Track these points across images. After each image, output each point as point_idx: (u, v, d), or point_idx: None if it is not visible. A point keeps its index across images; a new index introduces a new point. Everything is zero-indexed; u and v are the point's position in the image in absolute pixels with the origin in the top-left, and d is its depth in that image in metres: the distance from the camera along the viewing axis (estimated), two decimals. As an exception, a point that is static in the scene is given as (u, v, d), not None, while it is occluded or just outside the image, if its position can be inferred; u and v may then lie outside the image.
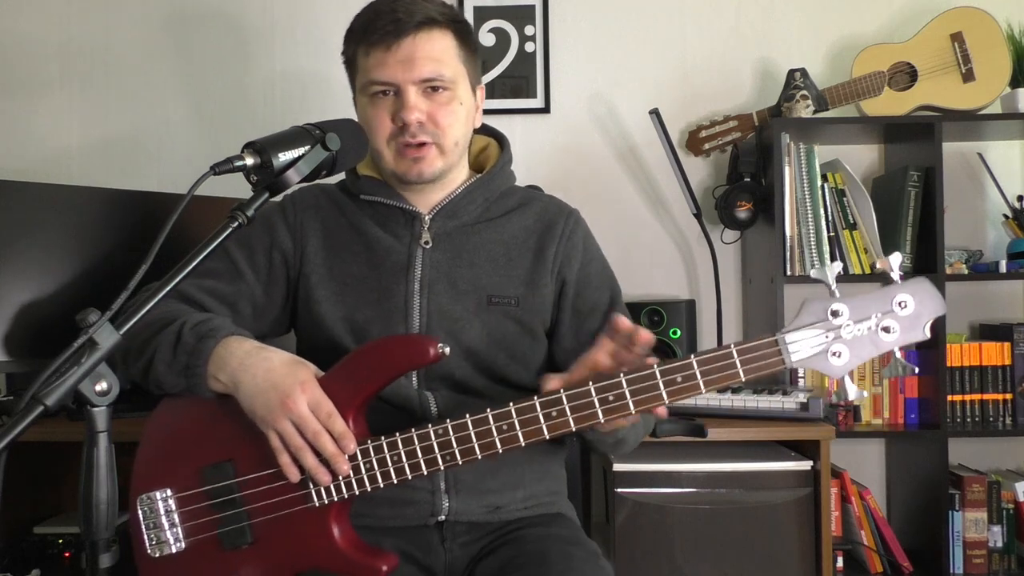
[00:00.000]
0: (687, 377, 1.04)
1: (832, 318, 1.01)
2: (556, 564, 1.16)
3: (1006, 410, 2.26)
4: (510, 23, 2.48)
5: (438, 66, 1.26)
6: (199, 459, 1.18)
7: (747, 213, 2.28)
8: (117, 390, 0.94)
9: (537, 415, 1.08)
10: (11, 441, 0.85)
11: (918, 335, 1.00)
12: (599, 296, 1.36)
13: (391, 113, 1.27)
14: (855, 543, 2.20)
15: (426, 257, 1.32)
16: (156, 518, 1.17)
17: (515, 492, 1.30)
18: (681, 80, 2.50)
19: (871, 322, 1.00)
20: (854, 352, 1.01)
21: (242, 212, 1.04)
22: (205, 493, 1.17)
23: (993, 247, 2.45)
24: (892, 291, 1.01)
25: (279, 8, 2.51)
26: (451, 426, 1.11)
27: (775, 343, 1.02)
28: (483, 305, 1.30)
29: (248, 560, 1.15)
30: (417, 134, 1.26)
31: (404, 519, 1.26)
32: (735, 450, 1.91)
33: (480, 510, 1.28)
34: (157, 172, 2.46)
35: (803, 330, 1.02)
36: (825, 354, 1.01)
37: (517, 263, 1.34)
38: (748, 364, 1.03)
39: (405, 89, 1.25)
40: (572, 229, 1.37)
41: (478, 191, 1.36)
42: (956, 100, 2.31)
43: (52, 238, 2.00)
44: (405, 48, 1.24)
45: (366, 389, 1.13)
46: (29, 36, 2.50)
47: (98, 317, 0.93)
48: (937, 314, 1.01)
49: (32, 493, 2.08)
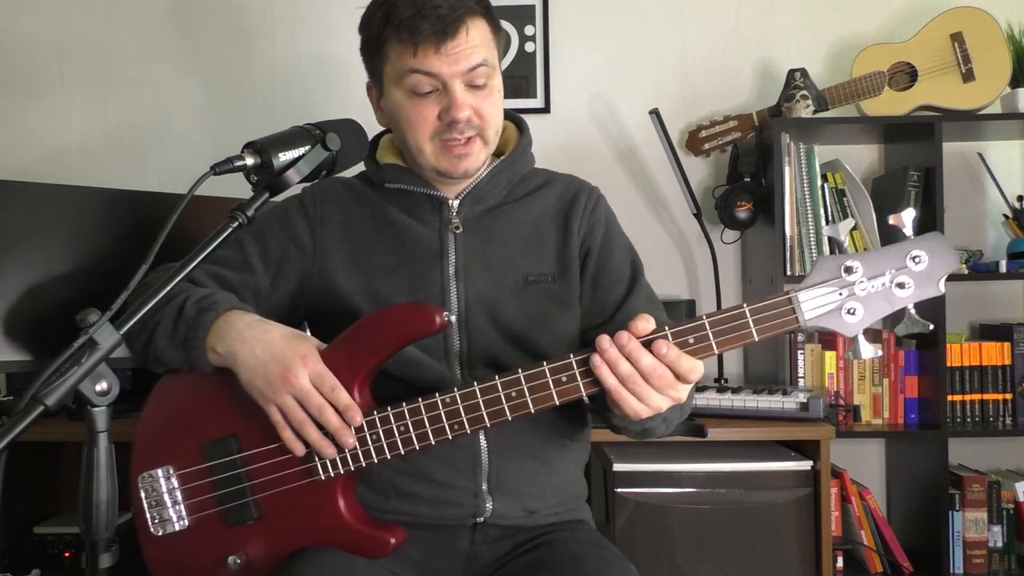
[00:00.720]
0: (700, 338, 1.04)
1: (846, 275, 1.00)
2: (589, 565, 1.16)
3: (1006, 410, 2.26)
4: (510, 23, 2.48)
5: (482, 51, 1.23)
6: (201, 435, 1.16)
7: (747, 213, 2.29)
8: (117, 390, 0.95)
9: (547, 381, 1.08)
10: (11, 441, 0.85)
11: (932, 290, 0.99)
12: (622, 270, 1.34)
13: (437, 110, 1.24)
14: (855, 543, 2.20)
15: (459, 242, 1.30)
16: (158, 496, 1.16)
17: (550, 497, 1.29)
18: (681, 80, 2.50)
19: (885, 278, 0.99)
20: (868, 309, 0.99)
21: (242, 212, 1.04)
22: (208, 469, 1.15)
23: (993, 247, 2.45)
24: (906, 246, 1.00)
25: (279, 8, 2.51)
26: (459, 395, 1.10)
27: (788, 301, 1.01)
28: (520, 285, 1.28)
29: (253, 535, 1.14)
30: (465, 130, 1.24)
31: (444, 519, 1.24)
32: (735, 450, 1.91)
33: (519, 514, 1.26)
34: (157, 172, 2.46)
35: (816, 287, 1.01)
36: (839, 311, 1.00)
37: (547, 240, 1.33)
38: (761, 323, 1.02)
39: (452, 85, 1.22)
40: (595, 203, 1.37)
41: (503, 174, 1.34)
42: (956, 100, 2.31)
43: (52, 238, 2.00)
44: (451, 44, 1.20)
45: (372, 360, 1.12)
46: (29, 36, 2.50)
47: (98, 317, 0.93)
48: (951, 268, 0.99)
49: (32, 493, 2.08)
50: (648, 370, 1.04)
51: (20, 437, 0.86)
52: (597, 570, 1.15)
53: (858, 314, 0.99)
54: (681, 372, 1.04)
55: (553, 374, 1.08)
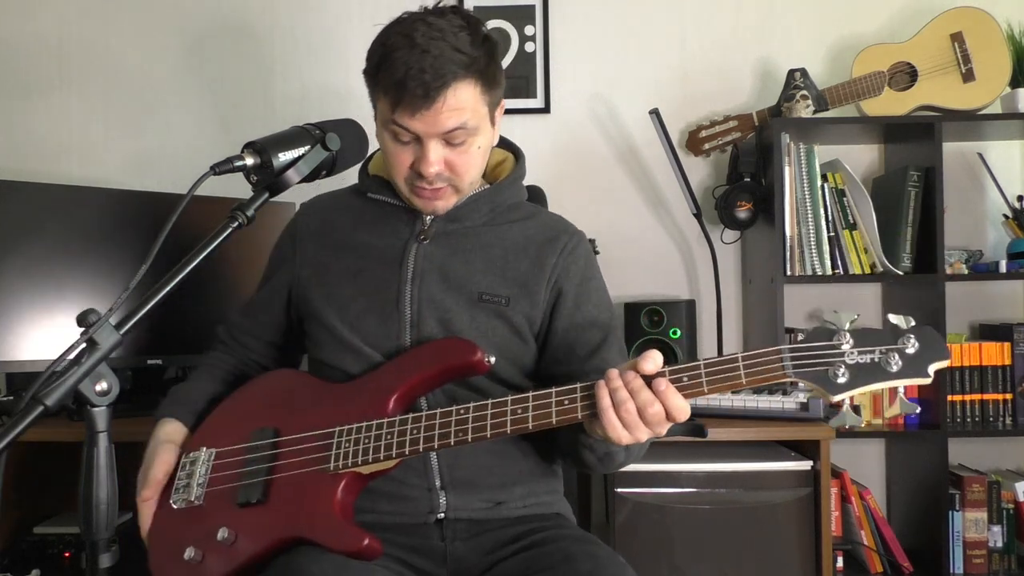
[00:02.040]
0: (693, 377, 1.08)
1: (838, 341, 1.04)
2: (583, 563, 1.17)
3: (1006, 410, 2.26)
4: (510, 23, 2.48)
5: (461, 116, 1.25)
6: (254, 423, 1.28)
7: (747, 213, 2.29)
8: (117, 390, 0.95)
9: (505, 410, 1.13)
10: (11, 441, 0.85)
11: (921, 375, 1.03)
12: (598, 312, 1.37)
13: (411, 159, 1.28)
14: (855, 543, 2.20)
15: (420, 250, 1.34)
16: (193, 471, 1.26)
17: (514, 488, 1.31)
18: (681, 80, 2.50)
19: (875, 353, 1.04)
20: (854, 376, 1.04)
21: (242, 212, 1.05)
22: (243, 449, 1.25)
23: (993, 247, 2.45)
24: (899, 331, 1.05)
25: (280, 8, 2.51)
26: (473, 406, 1.16)
27: (779, 352, 1.06)
28: (473, 300, 1.31)
29: (252, 517, 1.19)
30: (435, 181, 1.29)
31: (404, 516, 1.28)
32: (735, 450, 1.91)
33: (480, 505, 1.29)
34: (157, 172, 2.46)
35: (807, 346, 1.06)
36: (826, 373, 1.04)
37: (513, 266, 1.34)
38: (751, 373, 1.07)
39: (426, 143, 1.25)
40: (575, 245, 1.38)
41: (483, 201, 1.38)
42: (956, 100, 2.31)
43: (52, 238, 2.00)
44: (426, 112, 1.23)
45: (413, 377, 1.24)
46: (29, 36, 2.50)
47: (98, 317, 0.93)
48: (943, 361, 1.04)
49: (32, 493, 2.08)
50: (643, 405, 1.08)
51: (20, 437, 0.86)
52: (593, 568, 1.16)
53: (844, 378, 1.04)
54: (671, 409, 1.08)
55: (513, 404, 1.14)
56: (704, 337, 2.40)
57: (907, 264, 2.24)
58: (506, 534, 1.28)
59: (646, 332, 2.20)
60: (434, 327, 1.30)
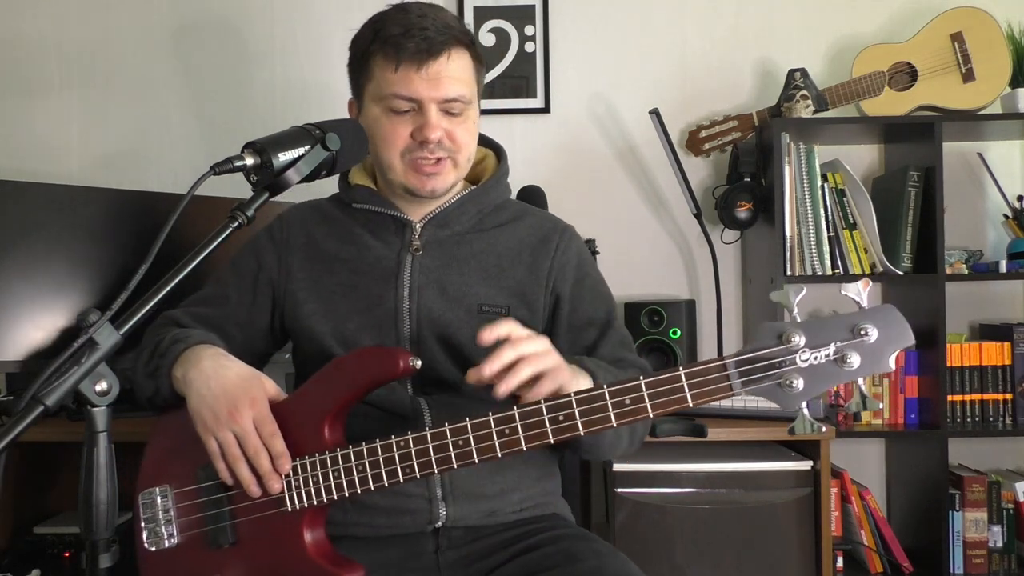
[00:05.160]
0: (635, 399, 1.01)
1: (786, 344, 0.95)
2: (586, 561, 1.17)
3: (1006, 410, 2.26)
4: (510, 23, 2.48)
5: (461, 86, 1.27)
6: (196, 459, 1.19)
7: (747, 213, 2.29)
8: (117, 390, 0.95)
9: (491, 432, 1.08)
10: (11, 441, 0.85)
11: (881, 366, 0.93)
12: (594, 310, 1.36)
13: (410, 128, 1.27)
14: (855, 543, 2.20)
15: (415, 263, 1.32)
16: (154, 513, 1.20)
17: (511, 495, 1.30)
18: (681, 80, 2.50)
19: (829, 350, 0.94)
20: (810, 382, 0.94)
21: (242, 212, 1.04)
22: (196, 491, 1.19)
23: (993, 247, 2.45)
24: (852, 319, 0.95)
25: (279, 8, 2.51)
26: (412, 439, 1.10)
27: (724, 367, 0.98)
28: (473, 312, 1.30)
29: (230, 560, 1.16)
30: (436, 151, 1.28)
31: (401, 528, 1.26)
32: (735, 450, 1.91)
33: (477, 515, 1.28)
34: (157, 172, 2.46)
35: (754, 355, 0.96)
36: (778, 383, 0.95)
37: (509, 274, 1.34)
38: (696, 389, 0.99)
39: (427, 107, 1.26)
40: (567, 244, 1.38)
41: (470, 203, 1.36)
42: (956, 100, 2.31)
43: (52, 238, 2.00)
44: (435, 68, 1.24)
45: (342, 399, 1.15)
46: (29, 36, 2.50)
47: (98, 317, 0.93)
48: (904, 344, 0.94)
49: (32, 493, 2.08)
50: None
51: (20, 437, 0.86)
52: (598, 565, 1.16)
53: (797, 386, 0.94)
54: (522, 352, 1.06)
55: (497, 424, 1.08)
56: (704, 337, 2.40)
57: (907, 264, 2.24)
58: (501, 538, 1.28)
59: (646, 332, 2.20)
60: (434, 344, 1.28)
